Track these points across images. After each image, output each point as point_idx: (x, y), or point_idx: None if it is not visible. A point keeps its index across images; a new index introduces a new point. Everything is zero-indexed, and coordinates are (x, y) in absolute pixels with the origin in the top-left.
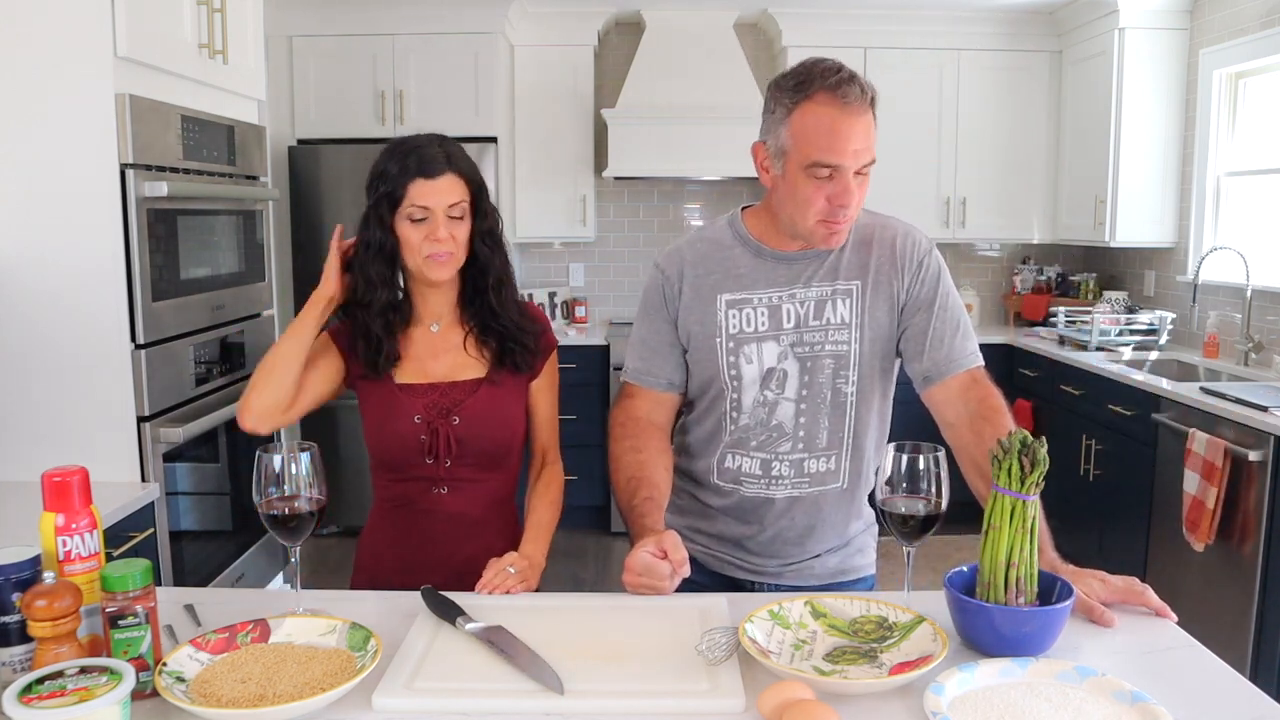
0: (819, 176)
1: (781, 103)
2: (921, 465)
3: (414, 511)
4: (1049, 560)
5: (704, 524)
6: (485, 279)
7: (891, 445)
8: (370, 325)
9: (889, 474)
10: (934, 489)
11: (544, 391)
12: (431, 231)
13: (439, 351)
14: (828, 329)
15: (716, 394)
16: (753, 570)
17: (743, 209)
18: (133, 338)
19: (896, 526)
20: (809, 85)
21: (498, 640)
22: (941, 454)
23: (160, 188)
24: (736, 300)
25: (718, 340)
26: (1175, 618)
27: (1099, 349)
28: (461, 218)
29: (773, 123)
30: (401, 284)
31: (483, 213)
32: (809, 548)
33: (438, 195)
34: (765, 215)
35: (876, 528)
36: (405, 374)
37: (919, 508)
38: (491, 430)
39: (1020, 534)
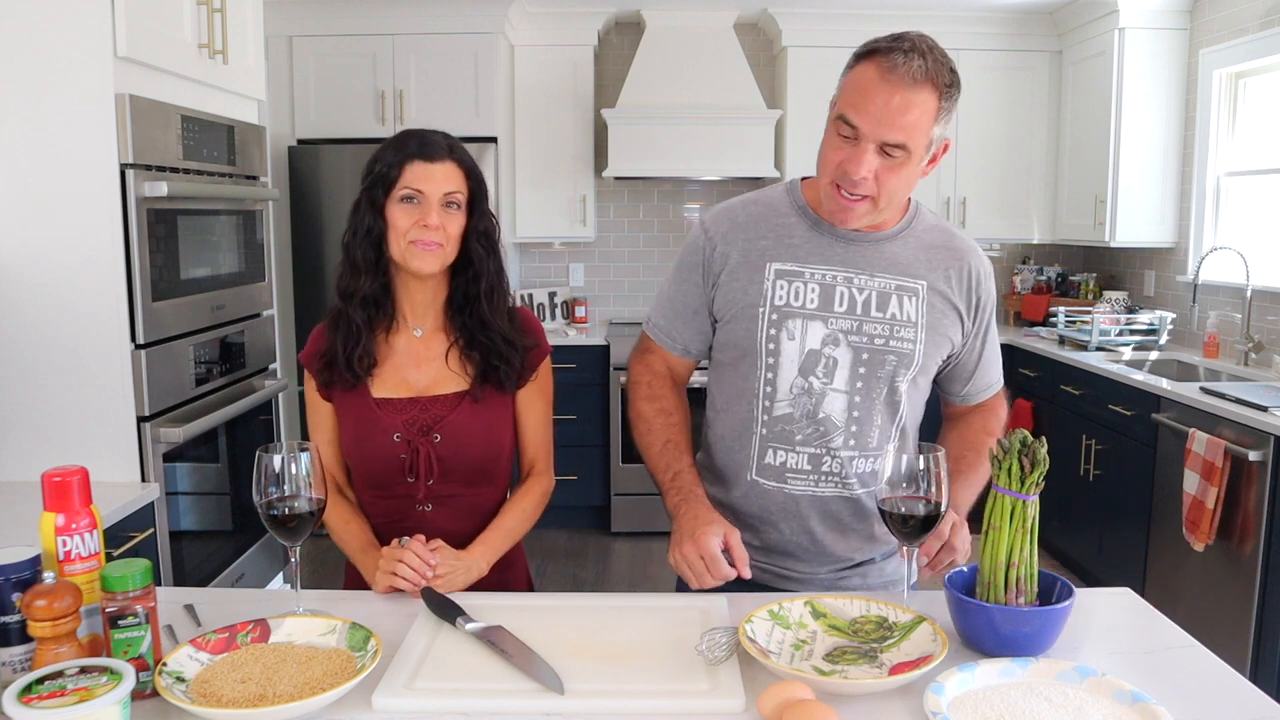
0: (842, 134)
1: (849, 62)
2: (922, 465)
3: (401, 529)
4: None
5: (747, 535)
6: (477, 285)
7: (891, 445)
8: (353, 317)
9: (889, 474)
10: (934, 489)
11: (532, 400)
12: (423, 216)
13: (421, 360)
14: (894, 324)
15: (749, 372)
16: (802, 579)
17: (803, 179)
18: (133, 338)
19: (896, 526)
20: (870, 47)
21: (498, 640)
22: (941, 454)
23: (160, 188)
24: (787, 271)
25: (761, 310)
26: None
27: (1099, 349)
28: (457, 209)
29: (840, 79)
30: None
31: (480, 212)
32: (862, 550)
33: (433, 180)
34: None
35: None
36: (384, 387)
37: (919, 508)
38: (474, 447)
39: (1020, 534)
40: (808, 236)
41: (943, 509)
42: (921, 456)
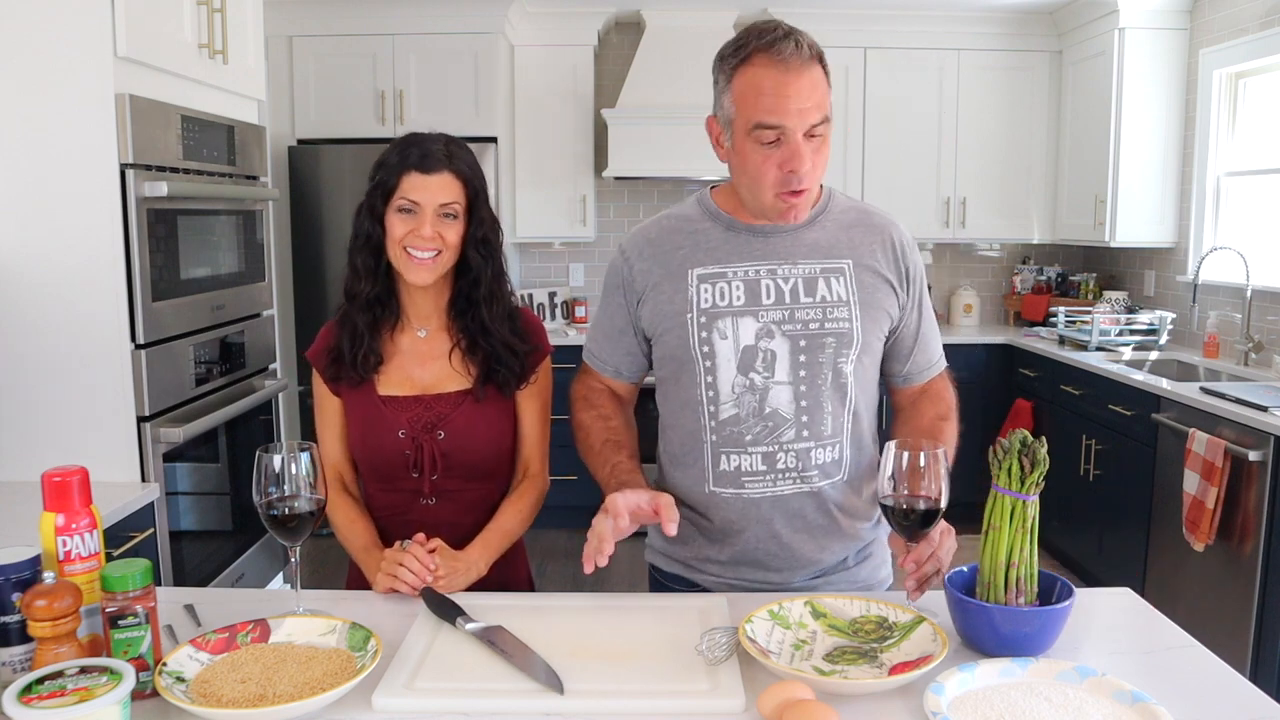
0: (765, 141)
1: (723, 71)
2: (922, 462)
3: (404, 522)
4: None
5: (713, 550)
6: (476, 290)
7: (892, 442)
8: (356, 320)
9: (890, 471)
10: (934, 485)
11: (530, 400)
12: (417, 228)
13: (425, 359)
14: (825, 306)
15: (689, 381)
16: (778, 587)
17: (711, 188)
18: (133, 338)
19: (897, 523)
20: (746, 48)
21: (498, 640)
22: (941, 451)
23: (160, 188)
24: (709, 275)
25: (689, 315)
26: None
27: (1099, 349)
28: (455, 218)
29: (718, 94)
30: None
31: (479, 219)
32: (832, 550)
33: (429, 192)
34: (732, 192)
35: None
36: (389, 384)
37: (919, 504)
38: (477, 445)
39: (1020, 534)
40: (724, 238)
41: (943, 505)
42: (922, 453)
